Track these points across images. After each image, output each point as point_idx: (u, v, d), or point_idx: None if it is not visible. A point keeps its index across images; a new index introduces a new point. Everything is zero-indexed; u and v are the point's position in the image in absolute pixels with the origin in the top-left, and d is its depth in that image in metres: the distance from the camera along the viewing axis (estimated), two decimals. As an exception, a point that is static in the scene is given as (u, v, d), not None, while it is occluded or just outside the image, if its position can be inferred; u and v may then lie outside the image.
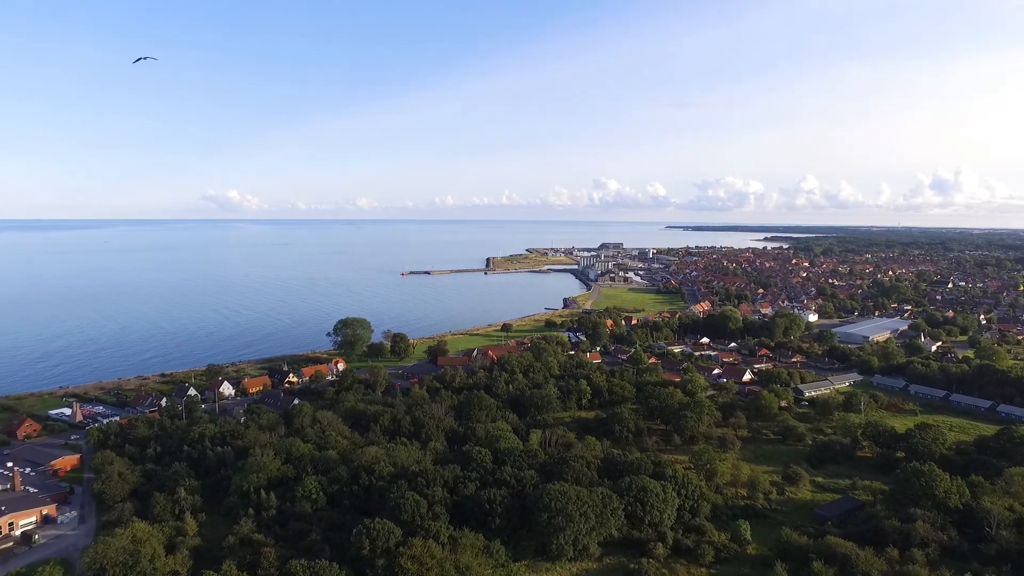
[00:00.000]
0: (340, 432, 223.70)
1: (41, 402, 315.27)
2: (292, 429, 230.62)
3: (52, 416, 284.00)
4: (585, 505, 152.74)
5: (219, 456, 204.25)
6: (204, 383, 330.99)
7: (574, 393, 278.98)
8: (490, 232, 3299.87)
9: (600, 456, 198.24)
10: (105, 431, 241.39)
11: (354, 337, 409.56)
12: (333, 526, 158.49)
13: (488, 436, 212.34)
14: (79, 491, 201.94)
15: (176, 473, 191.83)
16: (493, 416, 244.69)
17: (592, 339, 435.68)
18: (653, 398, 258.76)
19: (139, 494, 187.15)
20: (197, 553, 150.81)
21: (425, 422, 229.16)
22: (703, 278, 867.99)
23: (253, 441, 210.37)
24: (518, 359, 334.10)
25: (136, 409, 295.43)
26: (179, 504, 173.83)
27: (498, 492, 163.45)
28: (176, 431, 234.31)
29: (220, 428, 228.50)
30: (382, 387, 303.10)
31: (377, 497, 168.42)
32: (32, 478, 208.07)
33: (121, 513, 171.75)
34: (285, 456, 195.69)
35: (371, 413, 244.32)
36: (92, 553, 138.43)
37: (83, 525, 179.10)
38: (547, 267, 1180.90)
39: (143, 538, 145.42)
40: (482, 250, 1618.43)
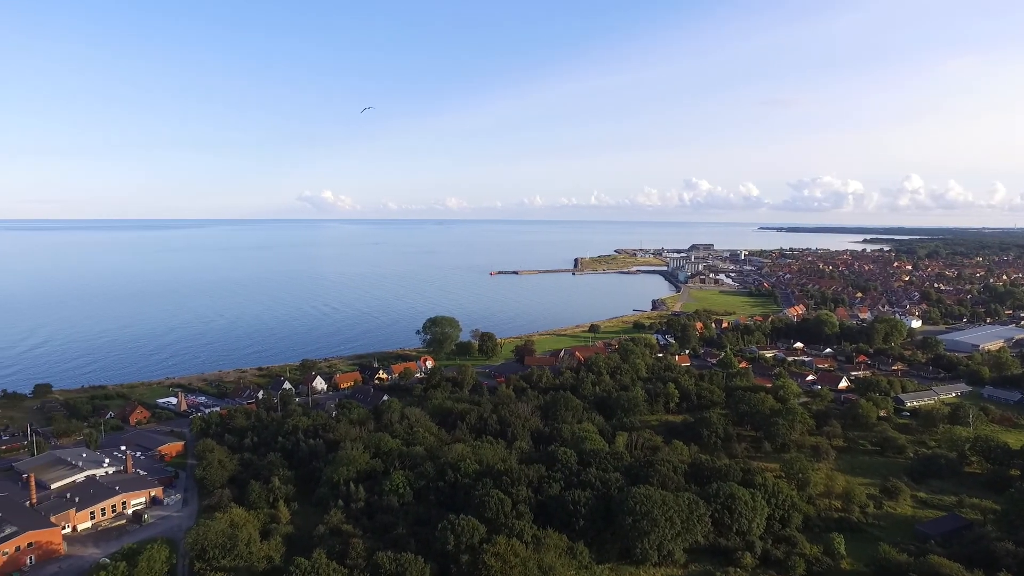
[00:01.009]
0: (427, 429, 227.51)
1: (150, 391, 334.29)
2: (381, 424, 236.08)
3: (160, 404, 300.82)
4: (671, 510, 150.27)
5: (311, 448, 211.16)
6: (298, 377, 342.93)
7: (661, 396, 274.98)
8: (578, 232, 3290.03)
9: (687, 461, 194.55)
10: (207, 420, 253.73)
11: (443, 335, 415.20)
12: (419, 521, 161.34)
13: (574, 437, 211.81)
14: (183, 476, 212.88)
15: (271, 463, 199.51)
16: (579, 417, 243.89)
17: (681, 342, 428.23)
18: (743, 403, 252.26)
19: (237, 481, 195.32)
20: (289, 540, 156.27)
21: (511, 421, 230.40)
22: (797, 281, 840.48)
23: (344, 435, 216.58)
24: (605, 360, 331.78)
25: (235, 400, 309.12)
26: (273, 493, 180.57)
27: (583, 493, 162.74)
28: (271, 423, 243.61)
29: (313, 421, 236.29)
30: (469, 385, 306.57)
31: (462, 494, 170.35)
32: (142, 461, 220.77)
33: (220, 498, 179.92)
34: (374, 450, 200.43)
35: (458, 411, 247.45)
36: (194, 534, 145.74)
37: (186, 508, 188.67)
38: (636, 268, 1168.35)
39: (240, 523, 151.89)
40: (570, 250, 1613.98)
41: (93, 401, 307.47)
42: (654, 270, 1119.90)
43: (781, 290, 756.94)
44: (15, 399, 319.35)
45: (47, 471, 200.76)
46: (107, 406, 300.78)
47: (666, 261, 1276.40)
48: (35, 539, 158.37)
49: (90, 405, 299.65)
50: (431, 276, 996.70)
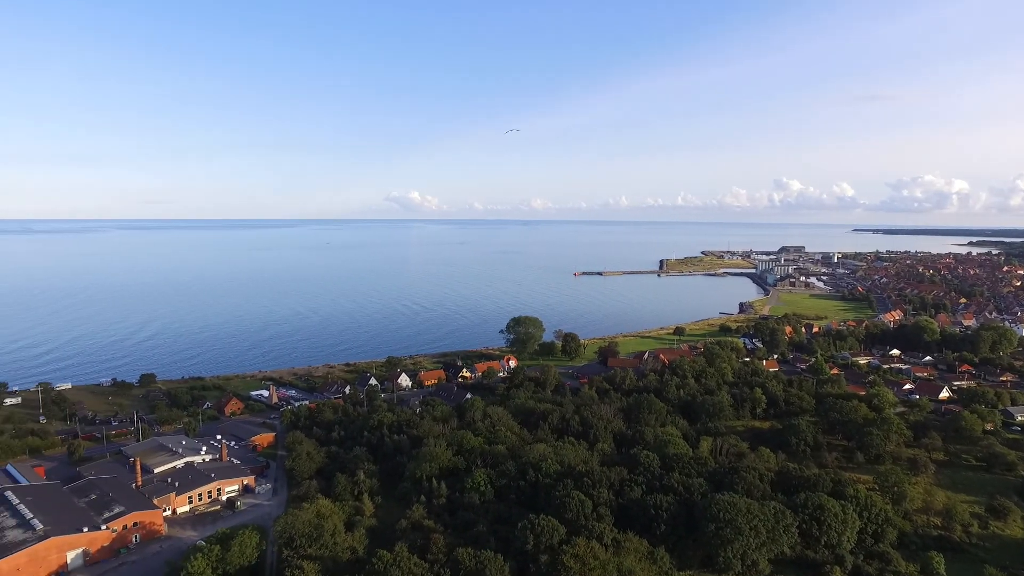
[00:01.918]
0: (509, 428, 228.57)
1: (244, 383, 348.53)
2: (464, 422, 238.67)
3: (253, 397, 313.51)
4: (756, 519, 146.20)
5: (395, 444, 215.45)
6: (384, 374, 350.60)
7: (748, 401, 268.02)
8: (664, 233, 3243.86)
9: (774, 469, 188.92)
10: (296, 413, 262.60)
11: (526, 335, 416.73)
12: (499, 519, 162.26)
13: (657, 440, 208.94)
14: (273, 466, 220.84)
15: (356, 457, 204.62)
16: (662, 420, 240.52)
17: (769, 346, 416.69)
18: (834, 411, 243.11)
19: (323, 473, 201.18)
20: (372, 533, 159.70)
21: (593, 423, 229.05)
22: (894, 285, 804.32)
23: (427, 431, 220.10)
24: (690, 363, 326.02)
25: (323, 395, 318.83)
26: (358, 486, 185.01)
27: (665, 498, 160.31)
28: (358, 417, 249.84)
29: (397, 417, 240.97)
30: (552, 386, 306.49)
31: (543, 494, 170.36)
32: (236, 451, 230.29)
33: (308, 489, 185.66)
34: (456, 448, 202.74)
35: (540, 411, 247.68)
36: (283, 523, 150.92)
37: (276, 497, 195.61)
38: (723, 270, 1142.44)
39: (326, 514, 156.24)
40: (655, 252, 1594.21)
41: (192, 391, 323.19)
42: (742, 272, 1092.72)
43: (877, 294, 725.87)
44: (124, 387, 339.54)
45: (151, 456, 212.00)
46: (205, 397, 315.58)
47: (754, 263, 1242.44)
48: (139, 519, 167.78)
49: (189, 395, 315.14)
50: (515, 276, 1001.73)
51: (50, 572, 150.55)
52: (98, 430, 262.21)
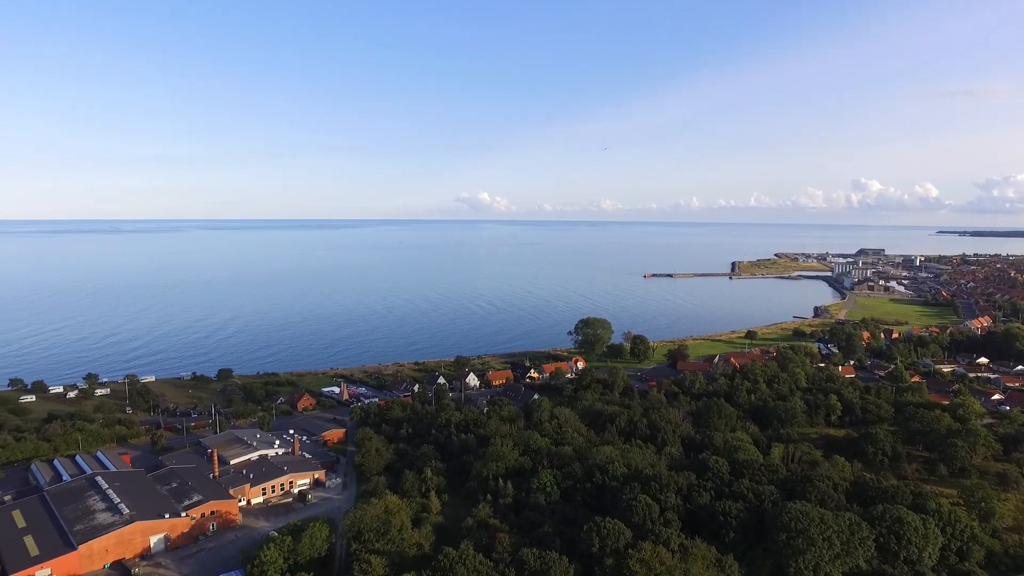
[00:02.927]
0: (576, 429, 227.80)
1: (316, 380, 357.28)
2: (531, 423, 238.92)
3: (324, 393, 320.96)
4: (829, 529, 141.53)
5: (463, 442, 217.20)
6: (452, 373, 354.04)
7: (822, 408, 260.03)
8: (736, 235, 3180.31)
9: (849, 479, 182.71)
10: (366, 410, 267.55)
11: (594, 337, 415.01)
12: (565, 520, 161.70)
13: (726, 446, 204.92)
14: (343, 461, 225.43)
15: (424, 454, 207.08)
16: (732, 426, 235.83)
17: (845, 352, 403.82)
18: (915, 421, 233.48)
19: (391, 469, 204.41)
20: (439, 530, 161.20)
21: (661, 426, 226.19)
22: (982, 290, 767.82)
23: (494, 431, 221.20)
24: (762, 368, 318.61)
25: (392, 392, 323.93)
26: (426, 483, 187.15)
27: (734, 505, 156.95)
28: (426, 416, 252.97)
29: (465, 416, 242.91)
30: (620, 388, 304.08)
31: (609, 497, 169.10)
32: (308, 445, 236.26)
33: (376, 485, 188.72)
34: (523, 448, 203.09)
35: (608, 413, 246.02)
36: (352, 517, 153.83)
37: (345, 491, 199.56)
38: (797, 273, 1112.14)
39: (394, 510, 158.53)
40: (727, 254, 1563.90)
41: (267, 387, 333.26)
42: (817, 276, 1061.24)
43: (963, 300, 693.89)
44: (203, 381, 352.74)
45: (227, 448, 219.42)
46: (278, 392, 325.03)
47: (830, 266, 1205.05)
48: (217, 508, 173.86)
49: (264, 390, 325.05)
50: (584, 278, 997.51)
51: (135, 554, 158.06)
52: (179, 422, 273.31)
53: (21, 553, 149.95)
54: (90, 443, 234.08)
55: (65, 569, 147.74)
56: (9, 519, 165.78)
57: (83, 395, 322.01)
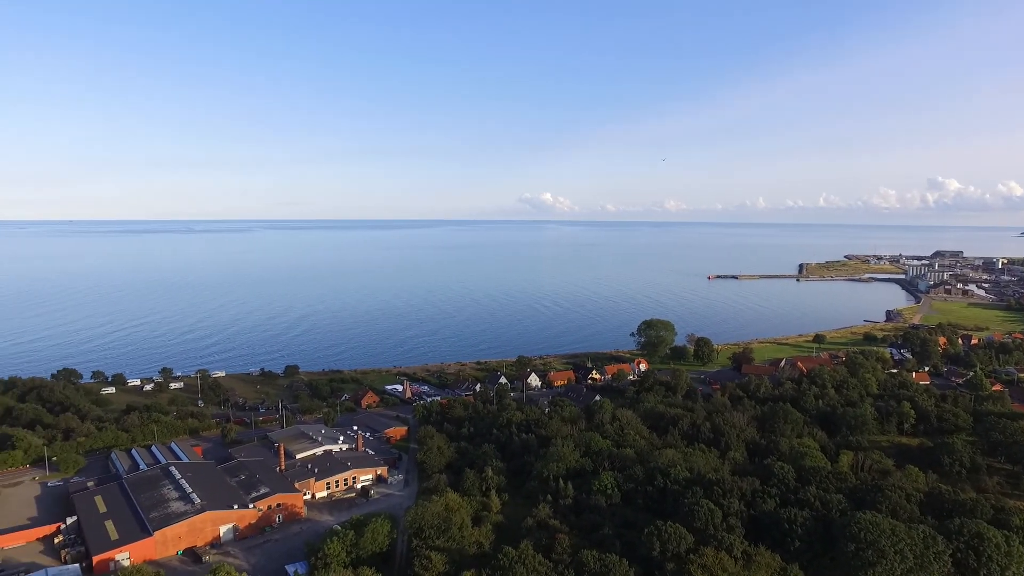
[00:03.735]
0: (638, 431, 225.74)
1: (380, 378, 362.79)
2: (592, 424, 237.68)
3: (387, 391, 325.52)
4: (902, 542, 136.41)
5: (523, 442, 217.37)
6: (514, 373, 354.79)
7: (894, 415, 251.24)
8: (804, 236, 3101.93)
9: (923, 490, 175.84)
10: (428, 408, 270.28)
11: (657, 339, 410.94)
12: (625, 523, 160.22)
13: (792, 452, 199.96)
14: (405, 458, 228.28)
15: (485, 453, 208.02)
16: (799, 431, 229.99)
17: (919, 357, 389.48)
18: (996, 431, 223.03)
19: (453, 468, 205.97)
20: (498, 529, 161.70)
21: (725, 430, 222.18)
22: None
23: (555, 432, 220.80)
24: (830, 373, 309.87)
25: (454, 391, 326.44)
26: (486, 482, 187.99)
27: (800, 512, 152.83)
28: (487, 415, 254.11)
29: (526, 416, 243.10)
30: (683, 390, 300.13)
31: (671, 500, 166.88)
32: (371, 442, 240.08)
33: (437, 483, 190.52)
34: (584, 449, 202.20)
35: (670, 416, 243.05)
36: (413, 514, 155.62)
37: (407, 488, 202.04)
38: (868, 275, 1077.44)
39: (454, 508, 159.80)
40: (794, 255, 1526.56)
41: (331, 384, 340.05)
42: (890, 278, 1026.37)
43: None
44: (270, 377, 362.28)
45: (293, 443, 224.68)
46: (343, 389, 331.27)
47: (904, 269, 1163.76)
48: (283, 501, 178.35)
49: (329, 387, 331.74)
50: (647, 279, 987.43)
51: (206, 542, 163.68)
52: (247, 416, 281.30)
53: (103, 536, 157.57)
54: (165, 434, 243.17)
55: (142, 553, 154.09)
56: (92, 504, 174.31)
57: (158, 388, 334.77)
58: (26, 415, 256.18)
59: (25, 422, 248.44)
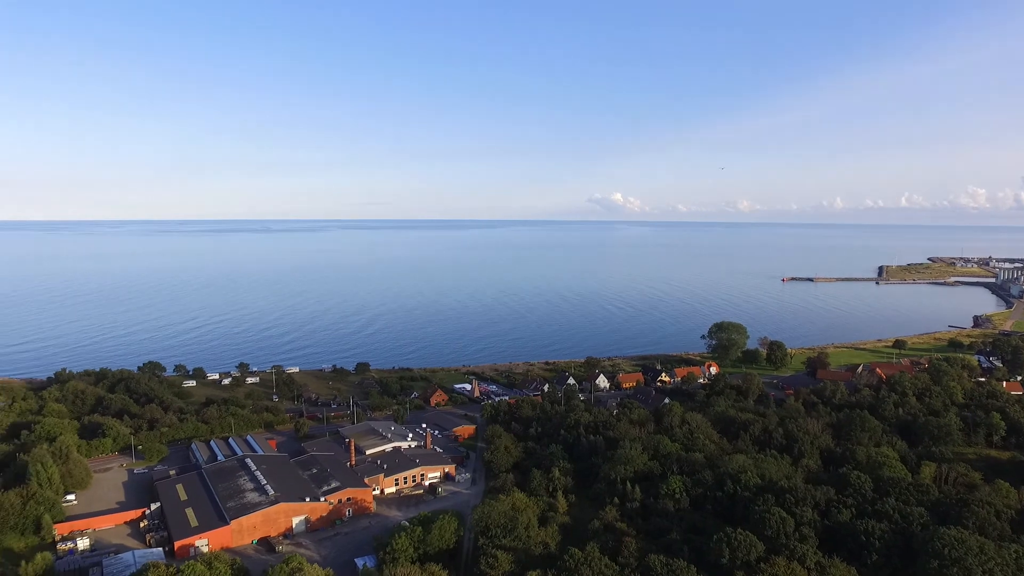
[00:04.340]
0: (708, 436, 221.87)
1: (449, 377, 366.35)
2: (661, 427, 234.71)
3: (456, 389, 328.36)
4: (991, 561, 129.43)
5: (591, 444, 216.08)
6: (582, 374, 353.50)
7: (982, 427, 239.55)
8: (884, 238, 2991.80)
9: (1016, 507, 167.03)
10: (496, 408, 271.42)
11: (728, 341, 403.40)
12: (694, 528, 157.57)
13: (869, 461, 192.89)
14: (472, 457, 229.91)
15: (552, 454, 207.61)
16: (877, 440, 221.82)
17: (1011, 366, 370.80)
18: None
19: (520, 467, 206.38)
20: (565, 530, 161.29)
21: (798, 437, 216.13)
22: None
23: (623, 434, 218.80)
24: (912, 380, 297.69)
25: (522, 391, 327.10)
26: (553, 483, 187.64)
27: (878, 525, 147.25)
28: (555, 415, 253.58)
29: (594, 418, 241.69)
30: (754, 395, 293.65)
31: (741, 507, 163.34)
32: (439, 440, 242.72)
33: (504, 482, 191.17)
34: (652, 452, 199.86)
35: (741, 420, 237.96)
36: (480, 512, 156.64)
37: (474, 487, 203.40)
38: (954, 279, 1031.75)
39: (521, 507, 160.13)
40: (874, 257, 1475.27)
41: (401, 381, 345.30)
42: (978, 282, 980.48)
43: None
44: (342, 374, 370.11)
45: (363, 439, 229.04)
46: (412, 387, 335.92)
47: (994, 272, 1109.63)
48: (352, 495, 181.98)
49: (399, 385, 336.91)
50: (719, 280, 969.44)
51: (279, 533, 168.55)
52: (319, 411, 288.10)
53: (184, 523, 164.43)
54: (241, 427, 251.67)
55: (219, 541, 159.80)
56: (174, 492, 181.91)
57: (236, 382, 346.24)
58: (115, 405, 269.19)
59: (114, 412, 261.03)
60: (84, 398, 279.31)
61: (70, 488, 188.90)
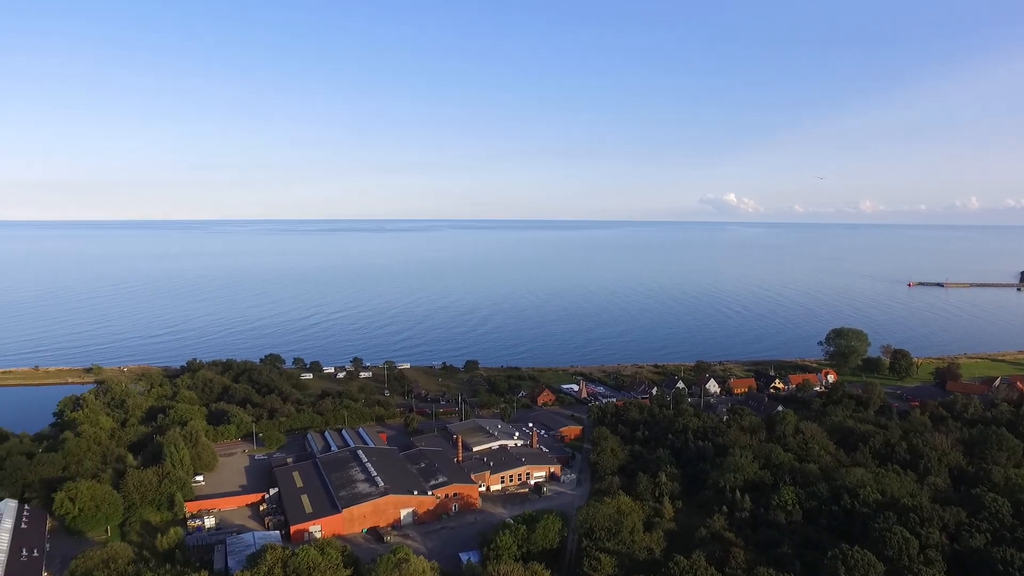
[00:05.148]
0: (824, 447, 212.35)
1: (556, 377, 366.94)
2: (773, 435, 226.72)
3: (563, 390, 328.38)
4: None
5: (699, 450, 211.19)
6: (692, 377, 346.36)
7: None
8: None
9: None
10: (603, 409, 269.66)
11: (848, 348, 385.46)
12: (807, 543, 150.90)
13: (1008, 483, 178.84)
14: (578, 457, 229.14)
15: (659, 458, 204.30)
16: (1017, 460, 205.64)
17: None
18: None
19: (625, 470, 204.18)
20: (670, 536, 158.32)
21: (924, 452, 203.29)
22: None
23: (733, 441, 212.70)
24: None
25: (630, 394, 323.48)
26: (659, 487, 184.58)
27: (1018, 555, 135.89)
28: (663, 419, 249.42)
29: (703, 423, 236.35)
30: (876, 406, 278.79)
31: (859, 523, 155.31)
32: (545, 439, 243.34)
33: (610, 484, 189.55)
34: (763, 461, 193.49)
35: (860, 432, 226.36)
36: (584, 514, 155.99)
37: (579, 488, 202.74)
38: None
39: (626, 511, 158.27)
40: (1015, 261, 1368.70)
41: (509, 380, 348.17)
42: None
43: None
44: (451, 371, 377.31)
45: (470, 435, 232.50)
46: (520, 386, 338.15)
47: None
48: (459, 491, 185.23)
49: (506, 383, 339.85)
50: (838, 284, 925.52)
51: (387, 523, 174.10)
52: (428, 407, 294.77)
53: (299, 509, 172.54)
54: (354, 419, 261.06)
55: (331, 528, 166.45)
56: (291, 478, 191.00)
57: (349, 377, 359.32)
58: (239, 394, 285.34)
59: (238, 400, 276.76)
60: (212, 386, 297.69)
61: (199, 470, 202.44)
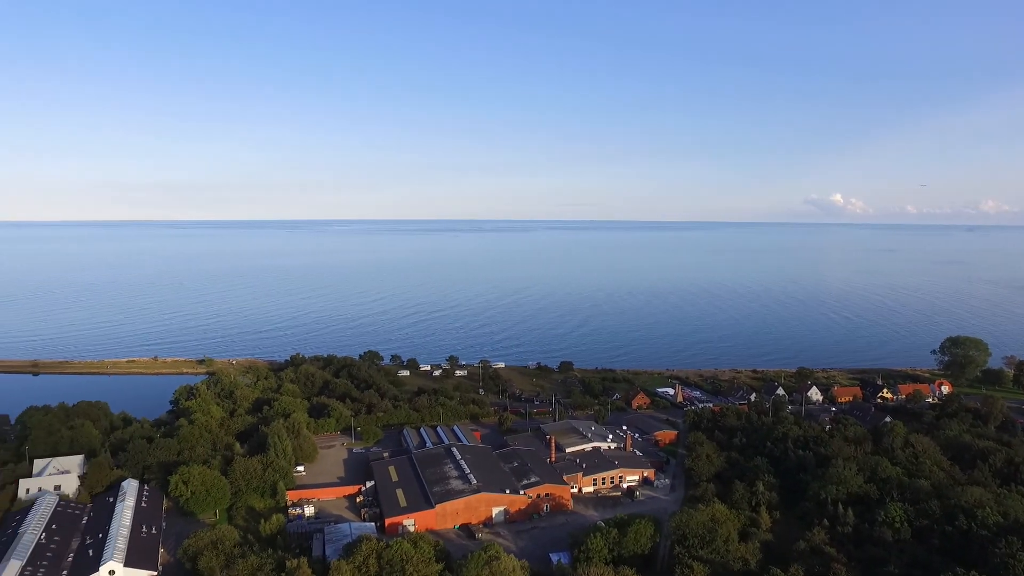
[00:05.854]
0: (936, 462, 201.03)
1: (651, 380, 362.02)
2: (880, 448, 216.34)
3: (658, 393, 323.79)
4: None
5: (799, 459, 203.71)
6: (793, 385, 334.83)
7: None
8: None
9: None
10: (699, 414, 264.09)
11: (965, 358, 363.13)
12: (916, 563, 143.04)
13: None
14: (672, 463, 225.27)
15: (757, 467, 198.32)
16: None
17: None
18: None
19: (721, 478, 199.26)
20: (767, 547, 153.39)
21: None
22: None
23: (836, 452, 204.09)
24: None
25: (727, 399, 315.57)
26: (756, 497, 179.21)
27: None
28: (761, 426, 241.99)
29: (804, 432, 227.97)
30: (997, 420, 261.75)
31: (976, 547, 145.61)
32: (639, 443, 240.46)
33: (705, 491, 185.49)
34: (868, 474, 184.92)
35: (979, 448, 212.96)
36: (678, 520, 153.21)
37: (672, 493, 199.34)
38: None
39: (721, 519, 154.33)
40: None
41: (604, 382, 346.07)
42: None
43: None
44: (546, 371, 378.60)
45: (564, 436, 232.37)
46: (614, 388, 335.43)
47: None
48: (551, 491, 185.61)
49: (601, 385, 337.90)
50: (955, 289, 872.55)
51: (479, 521, 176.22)
52: (522, 407, 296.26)
53: (394, 503, 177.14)
54: (448, 417, 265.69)
55: (424, 523, 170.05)
56: (387, 472, 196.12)
57: (445, 374, 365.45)
58: (339, 389, 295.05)
59: (338, 395, 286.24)
60: (313, 380, 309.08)
61: (300, 460, 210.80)
